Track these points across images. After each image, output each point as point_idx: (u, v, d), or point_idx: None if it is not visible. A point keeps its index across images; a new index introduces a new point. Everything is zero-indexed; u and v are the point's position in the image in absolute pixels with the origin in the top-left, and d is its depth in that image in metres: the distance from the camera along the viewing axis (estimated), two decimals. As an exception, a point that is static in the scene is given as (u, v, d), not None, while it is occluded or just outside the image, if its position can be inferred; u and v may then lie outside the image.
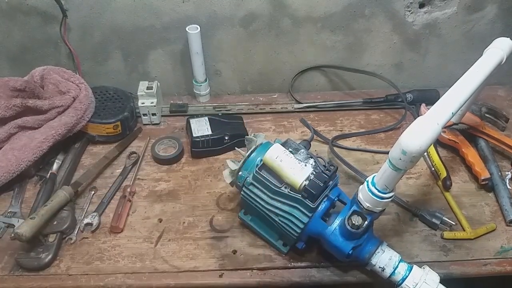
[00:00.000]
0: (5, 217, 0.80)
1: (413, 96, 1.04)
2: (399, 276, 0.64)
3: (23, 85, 0.89)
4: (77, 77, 0.95)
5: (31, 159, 0.84)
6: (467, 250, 0.76)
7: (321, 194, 0.66)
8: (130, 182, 0.87)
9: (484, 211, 0.82)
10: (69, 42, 1.00)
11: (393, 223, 0.80)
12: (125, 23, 1.00)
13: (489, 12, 1.01)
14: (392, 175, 0.56)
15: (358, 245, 0.65)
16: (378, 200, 0.60)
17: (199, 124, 0.95)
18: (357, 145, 0.97)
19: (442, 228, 0.78)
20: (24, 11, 0.97)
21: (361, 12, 1.00)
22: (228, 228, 0.79)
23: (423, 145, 0.52)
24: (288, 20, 1.00)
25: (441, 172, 0.86)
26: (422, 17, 1.01)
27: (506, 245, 0.76)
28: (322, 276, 0.72)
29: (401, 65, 1.10)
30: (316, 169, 0.66)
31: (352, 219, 0.63)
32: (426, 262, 0.71)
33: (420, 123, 0.53)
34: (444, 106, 0.56)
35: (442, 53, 1.08)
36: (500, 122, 0.99)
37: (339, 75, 1.12)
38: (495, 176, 0.85)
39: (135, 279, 0.72)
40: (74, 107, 0.90)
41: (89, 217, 0.80)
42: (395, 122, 1.01)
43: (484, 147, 0.91)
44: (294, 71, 1.09)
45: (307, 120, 0.95)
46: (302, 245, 0.71)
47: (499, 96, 1.10)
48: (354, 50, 1.07)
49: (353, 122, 1.03)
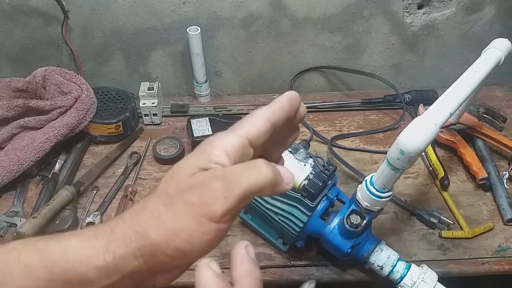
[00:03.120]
0: (7, 216, 0.81)
1: (411, 97, 1.04)
2: (397, 275, 0.65)
3: (25, 86, 0.89)
4: (79, 78, 0.96)
5: (33, 159, 0.85)
6: (465, 249, 0.76)
7: (320, 193, 0.67)
8: (131, 181, 0.88)
9: (481, 210, 0.83)
10: (71, 43, 1.01)
11: (391, 222, 0.81)
12: (126, 24, 1.00)
13: (488, 13, 1.02)
14: (390, 174, 0.57)
15: (356, 244, 0.66)
16: (377, 199, 0.60)
17: (200, 125, 0.95)
18: (355, 145, 0.97)
19: (440, 227, 0.79)
20: (26, 12, 0.98)
21: (360, 13, 1.00)
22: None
23: (421, 145, 0.52)
24: (288, 22, 1.01)
25: (439, 172, 0.87)
26: (420, 18, 1.02)
27: (504, 244, 0.77)
28: (321, 274, 0.73)
29: (400, 66, 1.11)
30: (315, 169, 0.67)
31: (351, 218, 0.64)
32: (424, 261, 0.71)
33: (418, 123, 0.54)
34: (442, 107, 0.57)
35: (440, 54, 1.08)
36: (497, 122, 0.99)
37: (338, 75, 1.13)
38: (493, 175, 0.86)
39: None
40: (76, 108, 0.90)
41: (91, 217, 0.80)
42: (393, 122, 1.01)
43: (481, 147, 0.92)
44: (294, 72, 1.10)
45: (306, 120, 0.95)
46: (301, 244, 0.71)
47: (497, 97, 1.10)
48: (353, 51, 1.07)
49: (351, 122, 1.03)
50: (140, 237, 0.31)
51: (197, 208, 0.30)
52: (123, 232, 0.32)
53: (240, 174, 0.31)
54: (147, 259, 0.31)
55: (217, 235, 0.31)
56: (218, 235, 0.31)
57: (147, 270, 0.32)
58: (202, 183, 0.31)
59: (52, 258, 0.32)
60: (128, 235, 0.31)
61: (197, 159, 0.33)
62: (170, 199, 0.31)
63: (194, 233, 0.30)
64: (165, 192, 0.32)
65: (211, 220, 0.30)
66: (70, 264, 0.31)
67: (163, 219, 0.31)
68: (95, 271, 0.31)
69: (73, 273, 0.31)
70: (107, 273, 0.31)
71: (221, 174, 0.31)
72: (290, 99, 0.37)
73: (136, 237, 0.31)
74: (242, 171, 0.31)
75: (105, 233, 0.32)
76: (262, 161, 0.32)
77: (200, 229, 0.30)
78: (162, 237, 0.30)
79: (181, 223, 0.30)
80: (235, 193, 0.30)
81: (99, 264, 0.31)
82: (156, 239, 0.30)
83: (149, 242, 0.31)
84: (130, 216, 0.32)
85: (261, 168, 0.31)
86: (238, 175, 0.31)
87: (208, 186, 0.30)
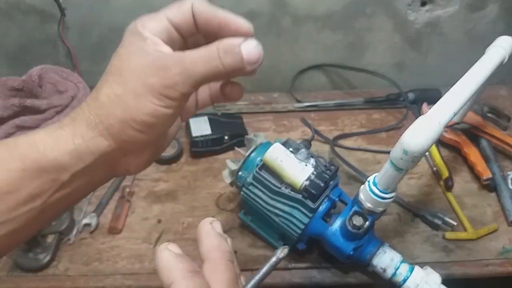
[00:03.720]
0: (3, 217, 0.80)
1: (414, 95, 1.03)
2: (401, 277, 0.63)
3: (21, 85, 0.88)
4: (76, 76, 0.95)
5: (30, 159, 0.84)
6: (468, 250, 0.75)
7: (322, 194, 0.66)
8: (128, 182, 0.87)
9: (486, 211, 0.81)
10: (67, 41, 1.00)
11: (394, 223, 0.80)
12: (124, 22, 0.97)
13: (491, 11, 1.00)
14: (394, 175, 0.56)
15: (359, 246, 0.65)
16: (379, 200, 0.59)
17: (199, 124, 0.94)
18: (358, 145, 0.96)
19: (443, 228, 0.78)
20: (22, 10, 0.97)
21: (362, 11, 0.99)
22: (228, 229, 0.79)
23: (425, 144, 0.51)
24: (289, 19, 1.00)
25: (443, 172, 0.85)
26: (423, 15, 1.01)
27: (508, 245, 0.76)
28: (322, 277, 0.72)
29: (403, 64, 1.09)
30: (317, 169, 0.65)
31: (353, 220, 0.62)
32: (428, 263, 0.70)
33: (422, 123, 0.53)
34: (445, 106, 0.56)
35: (443, 52, 1.07)
36: (502, 121, 0.98)
37: (340, 74, 1.11)
38: (497, 176, 0.85)
39: (134, 280, 0.71)
40: (73, 107, 0.89)
41: (87, 218, 0.79)
42: (396, 122, 1.00)
43: (486, 147, 0.90)
44: (295, 70, 1.09)
45: (307, 120, 0.94)
46: (302, 246, 0.70)
47: (501, 96, 1.09)
48: (355, 49, 1.06)
49: (354, 122, 1.02)
50: (104, 118, 0.33)
51: (157, 89, 0.33)
52: (85, 118, 0.34)
53: (197, 62, 0.33)
54: (115, 137, 0.34)
55: (177, 107, 0.34)
56: (178, 107, 0.34)
57: (118, 150, 0.35)
58: (161, 67, 0.33)
59: (22, 150, 0.33)
60: (91, 119, 0.34)
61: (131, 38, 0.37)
62: (124, 80, 0.34)
63: (157, 108, 0.33)
64: (118, 74, 0.35)
65: (170, 99, 0.33)
66: (41, 153, 0.33)
67: (123, 98, 0.33)
68: (67, 156, 0.33)
69: (45, 160, 0.33)
70: (79, 155, 0.34)
71: (180, 60, 0.34)
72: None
73: (101, 119, 0.33)
74: (200, 59, 0.33)
75: (69, 123, 0.35)
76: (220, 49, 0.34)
77: (162, 104, 0.33)
78: (127, 114, 0.33)
79: (143, 101, 0.33)
80: (191, 80, 0.33)
81: (70, 148, 0.33)
82: (122, 116, 0.33)
83: (116, 120, 0.33)
84: (87, 104, 0.35)
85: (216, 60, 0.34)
86: (196, 63, 0.33)
87: (167, 71, 0.33)
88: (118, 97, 0.34)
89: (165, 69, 0.33)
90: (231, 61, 0.34)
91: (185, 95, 0.34)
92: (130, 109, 0.33)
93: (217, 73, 0.34)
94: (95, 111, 0.34)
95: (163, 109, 0.34)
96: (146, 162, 0.38)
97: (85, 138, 0.34)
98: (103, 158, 0.35)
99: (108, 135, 0.34)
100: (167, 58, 0.34)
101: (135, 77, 0.34)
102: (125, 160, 0.36)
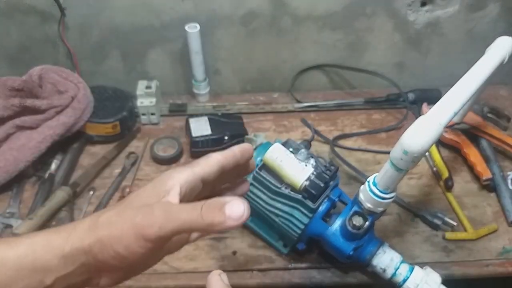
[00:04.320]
0: (3, 217, 0.80)
1: (414, 96, 1.03)
2: (401, 278, 0.63)
3: (21, 85, 0.88)
4: (76, 77, 0.94)
5: (30, 159, 0.84)
6: (468, 251, 0.75)
7: (322, 194, 0.66)
8: (129, 182, 0.87)
9: (486, 211, 0.81)
10: (67, 41, 1.00)
11: (394, 223, 0.80)
12: (123, 22, 0.99)
13: (492, 11, 1.00)
14: (394, 175, 0.56)
15: (359, 246, 0.65)
16: (379, 200, 0.59)
17: (199, 124, 0.94)
18: (358, 145, 0.96)
19: (443, 228, 0.78)
20: (22, 10, 0.97)
21: (362, 11, 0.99)
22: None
23: (425, 145, 0.51)
24: (289, 19, 1.00)
25: (443, 172, 0.85)
26: (423, 15, 1.01)
27: (508, 246, 0.76)
28: (322, 277, 0.72)
29: (403, 64, 1.09)
30: (317, 169, 0.65)
31: (353, 220, 0.62)
32: (428, 263, 0.70)
33: (422, 123, 0.53)
34: (446, 106, 0.56)
35: (444, 52, 1.07)
36: (502, 121, 0.98)
37: (340, 74, 1.11)
38: (497, 176, 0.85)
39: (134, 280, 0.70)
40: (73, 107, 0.89)
41: (87, 218, 0.79)
42: (396, 122, 1.00)
43: (486, 147, 0.90)
44: (295, 70, 1.09)
45: (307, 120, 0.94)
46: (302, 246, 0.70)
47: (501, 96, 1.09)
48: (355, 49, 1.06)
49: (354, 122, 1.02)
50: (93, 236, 0.36)
51: (138, 227, 0.35)
52: (84, 229, 0.37)
53: (181, 212, 0.36)
54: (94, 255, 0.36)
55: (151, 251, 0.36)
56: (151, 251, 0.36)
57: (93, 265, 0.37)
58: (149, 208, 0.36)
59: (22, 250, 0.36)
60: (86, 232, 0.37)
61: (155, 183, 0.40)
62: (123, 211, 0.37)
63: (132, 244, 0.35)
64: (123, 204, 0.39)
65: (145, 240, 0.35)
66: (37, 254, 0.36)
67: (113, 226, 0.36)
68: (56, 260, 0.36)
69: (40, 261, 0.36)
70: (65, 262, 0.36)
71: (167, 206, 0.37)
72: (242, 150, 0.44)
73: (90, 235, 0.37)
74: (183, 211, 0.36)
75: (68, 229, 0.38)
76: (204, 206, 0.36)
77: (137, 243, 0.35)
78: (107, 239, 0.36)
79: (124, 234, 0.36)
80: (169, 226, 0.35)
81: (60, 254, 0.36)
82: (103, 240, 0.36)
83: (99, 242, 0.36)
84: (91, 218, 0.38)
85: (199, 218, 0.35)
86: (179, 212, 0.36)
87: (151, 212, 0.36)
88: (110, 224, 0.37)
89: (151, 210, 0.36)
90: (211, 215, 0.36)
91: (157, 241, 0.36)
92: (112, 236, 0.36)
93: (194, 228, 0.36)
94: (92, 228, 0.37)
95: (137, 248, 0.36)
96: (116, 280, 0.40)
97: (73, 246, 0.36)
98: (80, 269, 0.37)
99: (89, 251, 0.36)
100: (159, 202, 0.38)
101: (130, 211, 0.37)
102: (98, 276, 0.39)
